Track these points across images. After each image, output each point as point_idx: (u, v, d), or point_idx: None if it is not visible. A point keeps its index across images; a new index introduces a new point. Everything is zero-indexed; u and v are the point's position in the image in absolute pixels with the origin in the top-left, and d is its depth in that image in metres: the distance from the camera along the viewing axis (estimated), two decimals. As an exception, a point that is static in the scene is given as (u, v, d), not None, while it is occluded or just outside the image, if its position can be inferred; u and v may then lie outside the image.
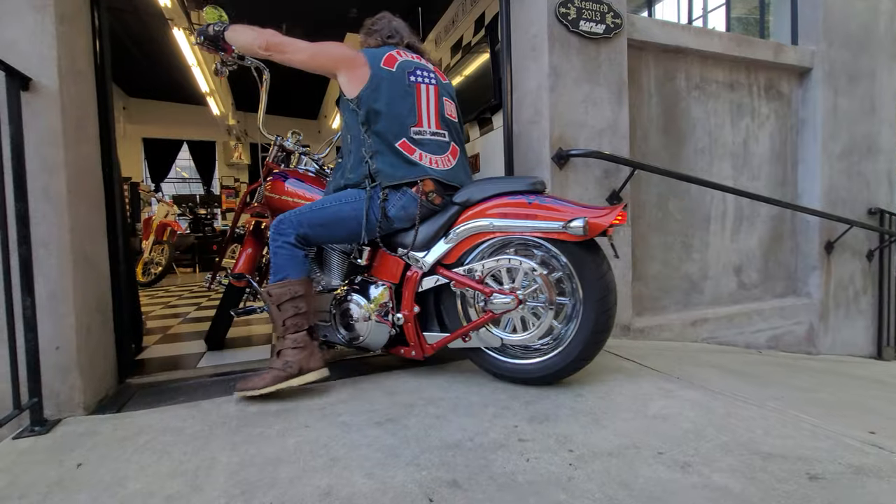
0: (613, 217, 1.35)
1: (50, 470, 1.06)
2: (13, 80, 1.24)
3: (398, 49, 1.65)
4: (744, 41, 2.70)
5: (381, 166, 1.54)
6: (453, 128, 1.68)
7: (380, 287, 1.64)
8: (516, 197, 1.48)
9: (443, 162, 1.60)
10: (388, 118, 1.54)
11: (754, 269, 2.87)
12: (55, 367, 1.34)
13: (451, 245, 1.54)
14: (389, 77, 1.55)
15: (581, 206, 1.42)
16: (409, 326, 1.60)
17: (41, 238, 1.31)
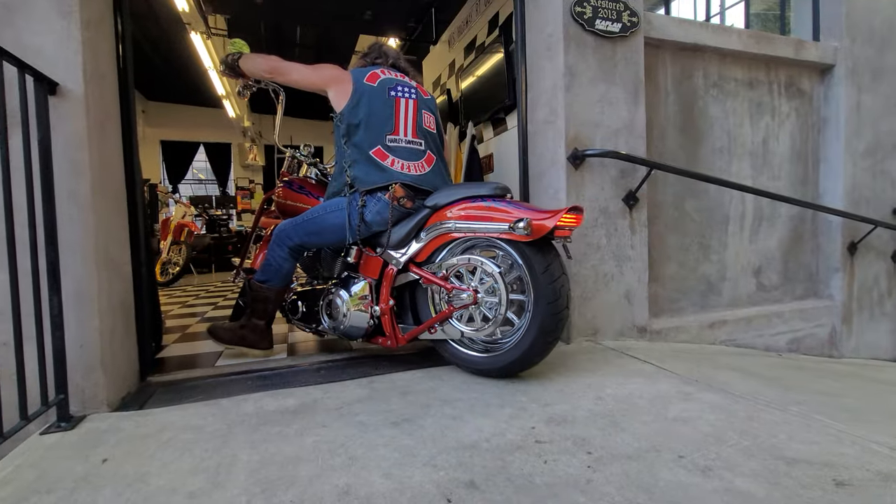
0: (557, 219, 1.41)
1: (76, 465, 1.09)
2: (41, 84, 1.27)
3: (382, 68, 1.85)
4: (763, 38, 2.65)
5: (357, 173, 1.72)
6: (430, 138, 1.84)
7: (360, 283, 1.83)
8: (477, 201, 1.61)
9: (415, 168, 1.76)
10: (366, 129, 1.72)
11: (774, 271, 2.81)
12: (80, 365, 1.38)
13: (422, 245, 1.68)
14: (370, 91, 1.75)
15: (532, 209, 1.49)
16: (386, 319, 1.75)
17: (67, 239, 1.35)
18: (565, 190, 2.06)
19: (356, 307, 1.81)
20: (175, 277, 5.48)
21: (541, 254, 1.49)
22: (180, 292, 4.92)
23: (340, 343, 2.30)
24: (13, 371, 1.14)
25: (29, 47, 1.31)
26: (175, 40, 5.85)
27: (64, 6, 1.34)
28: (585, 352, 1.95)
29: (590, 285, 2.10)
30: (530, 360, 1.54)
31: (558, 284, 1.48)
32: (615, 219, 2.15)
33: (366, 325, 1.79)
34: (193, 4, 4.09)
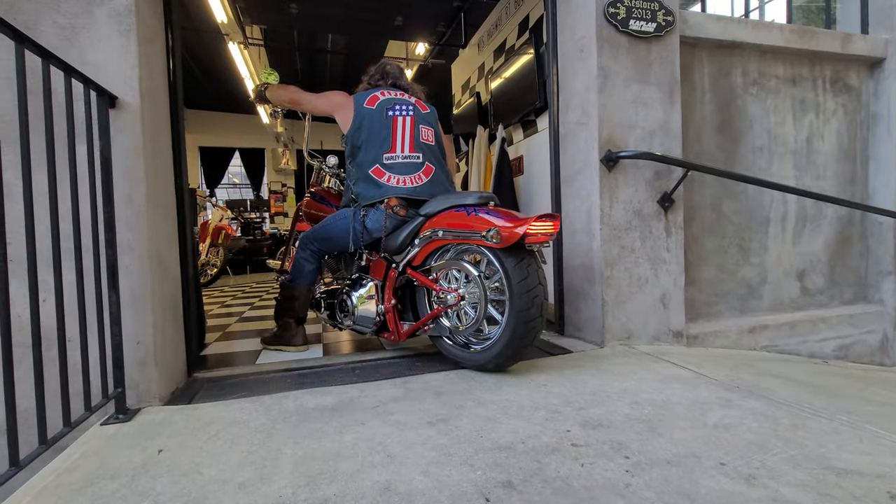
0: (525, 227, 1.51)
1: (135, 454, 1.16)
2: (103, 98, 1.36)
3: (382, 90, 2.02)
4: (807, 32, 2.55)
5: (359, 190, 1.94)
6: (428, 150, 2.00)
7: (368, 283, 2.03)
8: (461, 209, 1.73)
9: (411, 180, 1.93)
10: (366, 149, 1.93)
11: (819, 274, 2.69)
12: (135, 361, 1.46)
13: (417, 249, 1.84)
14: (369, 114, 1.95)
15: (506, 217, 1.59)
16: (389, 316, 1.94)
17: (124, 242, 1.44)
18: (598, 192, 2.04)
19: (363, 305, 2.01)
20: (213, 278, 5.70)
21: (517, 261, 1.60)
22: (218, 293, 5.12)
23: (373, 344, 2.35)
24: (77, 365, 1.23)
25: (91, 63, 1.41)
26: (213, 50, 6.10)
27: (123, 24, 1.43)
28: (619, 356, 1.93)
29: (623, 288, 2.08)
30: (504, 360, 1.67)
31: (532, 294, 1.58)
32: (650, 221, 2.12)
33: (373, 320, 1.97)
34: (232, 16, 4.25)
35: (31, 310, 1.01)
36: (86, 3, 1.41)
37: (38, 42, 1.08)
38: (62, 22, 1.39)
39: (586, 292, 2.16)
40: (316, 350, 2.25)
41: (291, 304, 2.13)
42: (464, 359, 1.79)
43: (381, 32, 4.83)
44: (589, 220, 2.12)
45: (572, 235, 2.25)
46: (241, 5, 3.93)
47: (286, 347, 2.15)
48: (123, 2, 1.43)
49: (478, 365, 1.74)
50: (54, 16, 1.39)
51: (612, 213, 2.06)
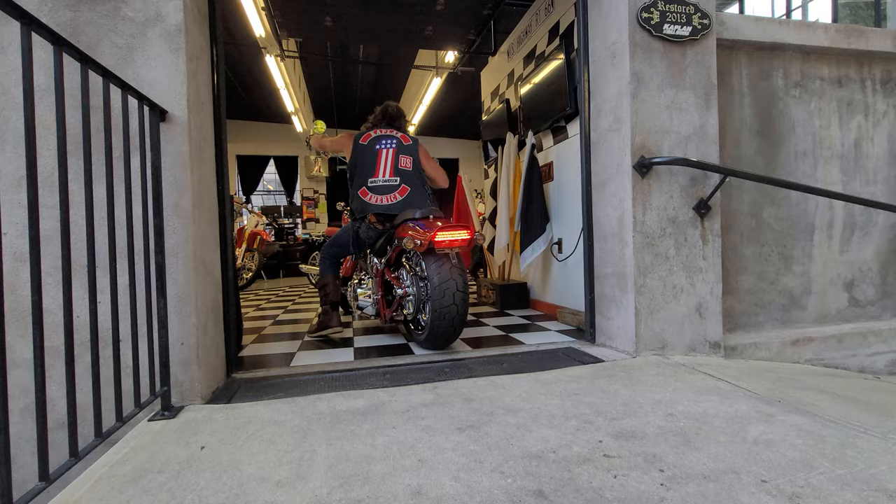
0: (431, 236, 2.03)
1: (180, 450, 1.22)
2: (154, 113, 1.45)
3: (377, 129, 2.65)
4: (854, 32, 2.44)
5: (354, 207, 2.55)
6: (405, 174, 2.54)
7: (367, 279, 2.77)
8: (408, 222, 2.28)
9: (387, 199, 2.48)
10: (359, 175, 2.52)
11: (870, 284, 2.55)
12: (180, 361, 1.54)
13: (390, 253, 2.43)
14: (362, 149, 2.56)
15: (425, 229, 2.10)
16: (380, 305, 2.56)
17: (172, 248, 1.52)
18: (631, 199, 2.01)
19: (363, 297, 2.69)
20: (248, 282, 5.90)
21: (434, 262, 2.13)
22: (253, 296, 5.29)
23: (402, 349, 2.38)
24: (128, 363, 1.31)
25: (145, 80, 1.50)
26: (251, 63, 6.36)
27: (174, 43, 1.52)
28: (653, 366, 1.88)
29: (657, 297, 2.03)
30: (433, 340, 2.20)
31: (444, 286, 2.08)
32: (685, 228, 2.07)
33: (371, 308, 2.61)
34: (270, 30, 4.43)
35: (90, 311, 1.09)
36: (140, 25, 1.51)
37: (98, 62, 1.17)
38: (119, 42, 1.50)
39: (618, 300, 2.12)
40: (347, 353, 2.30)
41: (325, 290, 2.69)
42: (410, 337, 2.51)
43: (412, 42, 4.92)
44: (621, 227, 2.08)
45: (603, 242, 2.22)
46: (279, 20, 4.09)
47: (326, 331, 2.65)
48: (174, 22, 1.53)
49: (416, 342, 2.39)
50: (112, 37, 1.49)
51: (646, 220, 2.02)
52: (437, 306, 2.06)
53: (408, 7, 3.75)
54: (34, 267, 0.88)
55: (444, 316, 2.07)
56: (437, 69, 6.22)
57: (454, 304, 2.05)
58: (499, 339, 2.52)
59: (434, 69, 6.27)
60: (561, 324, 2.90)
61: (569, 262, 3.00)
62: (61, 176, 1.00)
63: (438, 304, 2.06)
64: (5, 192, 1.41)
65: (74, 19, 1.47)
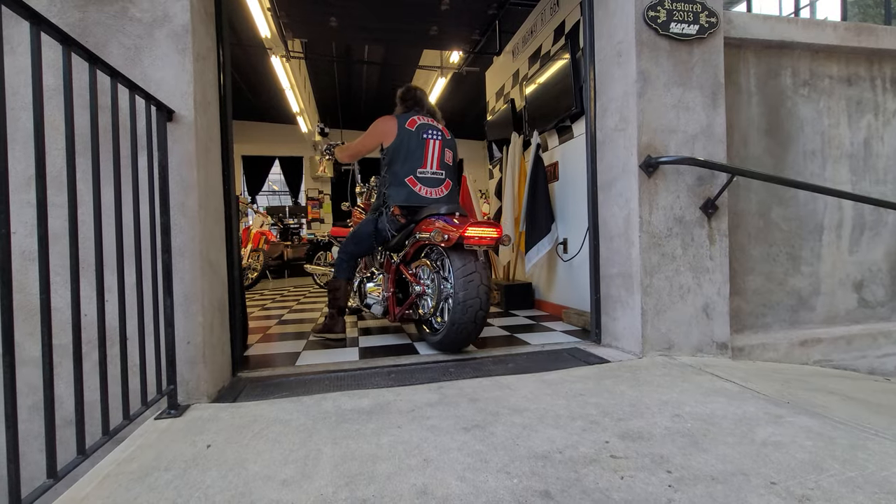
0: (461, 231, 1.95)
1: (186, 449, 1.22)
2: (161, 113, 1.46)
3: (419, 115, 2.48)
4: (864, 30, 2.41)
5: (391, 192, 2.37)
6: (448, 169, 2.47)
7: (378, 276, 2.68)
8: (432, 217, 2.18)
9: (436, 192, 2.40)
10: (403, 161, 2.35)
11: (879, 285, 2.52)
12: (186, 360, 1.55)
13: (408, 249, 2.32)
14: (409, 134, 2.38)
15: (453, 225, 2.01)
16: (390, 302, 2.46)
17: (178, 247, 1.53)
18: (637, 199, 2.00)
19: (372, 293, 2.64)
20: (254, 282, 5.92)
21: (459, 258, 2.02)
22: (258, 296, 5.31)
23: (407, 349, 2.37)
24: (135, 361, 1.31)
25: (152, 80, 1.51)
26: (257, 63, 6.39)
27: (180, 44, 1.53)
28: (659, 367, 1.87)
29: (664, 297, 2.02)
30: (450, 343, 2.07)
31: (469, 279, 1.97)
32: (692, 228, 2.05)
33: (381, 306, 2.53)
34: (276, 31, 4.44)
35: (97, 309, 1.09)
36: (148, 25, 1.51)
37: (107, 62, 1.18)
38: (127, 43, 1.50)
39: (624, 301, 2.11)
40: (352, 353, 2.30)
41: (334, 295, 2.52)
42: (424, 338, 2.32)
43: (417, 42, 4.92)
44: (627, 227, 2.07)
45: (609, 242, 2.21)
46: (284, 20, 4.10)
47: (329, 335, 2.53)
48: (181, 22, 1.53)
49: (430, 343, 2.24)
50: (120, 37, 1.50)
51: (652, 219, 2.01)
52: (461, 299, 1.95)
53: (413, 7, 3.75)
54: (43, 266, 0.89)
55: (467, 310, 1.95)
56: (441, 69, 6.22)
57: (478, 297, 1.95)
58: (504, 340, 2.51)
59: (439, 69, 6.27)
60: (566, 324, 2.89)
61: (574, 262, 2.99)
62: (69, 175, 1.00)
63: (462, 296, 1.95)
64: (15, 192, 1.42)
65: (83, 20, 1.48)
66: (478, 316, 1.97)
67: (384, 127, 2.42)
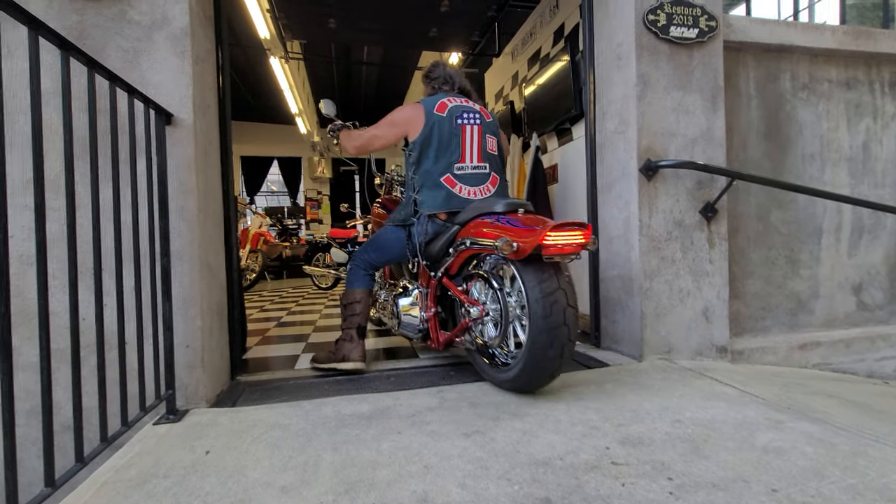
0: (540, 237, 1.36)
1: (184, 455, 1.21)
2: (160, 116, 1.45)
3: (449, 96, 1.95)
4: (863, 34, 2.42)
5: (423, 198, 1.86)
6: (493, 160, 1.96)
7: (413, 291, 2.04)
8: (486, 217, 1.65)
9: (481, 192, 1.89)
10: (436, 157, 1.86)
11: (878, 288, 2.53)
12: (185, 364, 1.54)
13: (452, 259, 1.77)
14: (439, 121, 1.87)
15: (524, 227, 1.45)
16: (430, 324, 1.91)
17: (177, 250, 1.52)
18: (637, 202, 2.00)
19: (408, 312, 2.03)
20: (252, 283, 5.90)
21: (533, 272, 1.45)
22: (257, 297, 5.30)
23: (407, 352, 2.37)
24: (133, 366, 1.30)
25: (151, 83, 1.50)
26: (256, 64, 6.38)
27: (179, 47, 1.52)
28: (659, 370, 1.87)
29: (663, 301, 2.02)
30: (527, 382, 1.52)
31: (548, 303, 1.41)
32: (691, 232, 2.05)
33: (417, 327, 1.97)
34: (274, 32, 4.43)
35: (96, 314, 1.08)
36: (147, 28, 1.51)
37: (104, 65, 1.17)
38: (125, 45, 1.50)
39: (624, 304, 2.11)
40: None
41: (352, 309, 2.00)
42: (485, 373, 1.72)
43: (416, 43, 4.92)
44: (627, 230, 2.07)
45: (609, 245, 2.21)
46: (283, 22, 4.09)
47: (342, 364, 1.93)
48: (180, 25, 1.53)
49: (501, 382, 1.63)
50: (119, 40, 1.49)
51: (652, 223, 2.01)
52: (542, 326, 1.41)
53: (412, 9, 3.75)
54: (41, 272, 0.88)
55: (552, 341, 1.41)
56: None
57: (565, 323, 1.42)
58: (503, 342, 2.50)
59: (438, 71, 6.25)
60: (565, 327, 2.88)
61: (573, 264, 2.98)
62: (68, 179, 1.00)
63: (543, 323, 1.41)
64: (12, 196, 1.41)
65: (81, 22, 1.47)
66: (565, 348, 1.44)
67: (408, 114, 1.91)
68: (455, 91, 2.00)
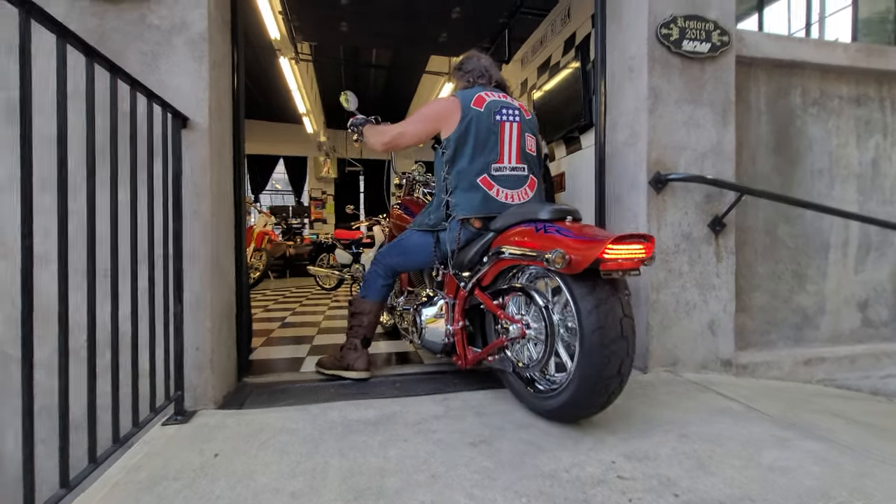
0: (600, 251, 1.20)
1: (193, 457, 1.22)
2: (176, 119, 1.47)
3: (487, 90, 1.81)
4: (874, 51, 2.42)
5: (457, 200, 1.72)
6: (532, 161, 1.83)
7: (438, 302, 1.88)
8: (529, 225, 1.50)
9: (519, 196, 1.75)
10: (472, 156, 1.71)
11: (884, 305, 2.52)
12: (194, 365, 1.55)
13: (486, 268, 1.62)
14: (477, 117, 1.72)
15: (579, 238, 1.29)
16: (457, 339, 1.77)
17: (189, 252, 1.53)
18: (646, 214, 2.00)
19: (432, 324, 1.87)
20: (256, 282, 5.92)
21: (589, 291, 1.29)
22: (261, 296, 5.31)
23: (412, 357, 2.37)
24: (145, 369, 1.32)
25: (168, 87, 1.52)
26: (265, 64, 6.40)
27: (197, 51, 1.54)
28: (664, 383, 1.87)
29: (670, 313, 2.02)
30: (572, 412, 1.37)
31: (606, 331, 1.25)
32: (699, 245, 2.06)
33: (441, 341, 1.83)
34: (286, 33, 4.46)
35: (111, 316, 1.10)
36: (166, 32, 1.52)
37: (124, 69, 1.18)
38: (145, 49, 1.51)
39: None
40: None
41: (360, 320, 1.95)
42: (524, 399, 1.55)
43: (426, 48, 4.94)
44: (635, 241, 2.07)
45: (616, 256, 2.21)
46: (295, 24, 4.12)
47: (347, 373, 1.91)
48: (198, 30, 1.54)
49: (544, 411, 1.45)
50: (138, 44, 1.51)
51: (660, 235, 2.02)
52: (595, 341, 1.26)
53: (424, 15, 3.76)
54: (62, 274, 0.89)
55: (609, 359, 1.26)
56: (449, 75, 6.23)
57: (623, 336, 1.27)
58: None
59: (447, 75, 6.28)
60: (569, 335, 2.88)
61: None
62: (89, 183, 1.01)
63: (597, 337, 1.26)
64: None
65: (101, 26, 1.49)
66: (623, 367, 1.29)
67: (442, 108, 1.76)
68: (492, 85, 1.86)
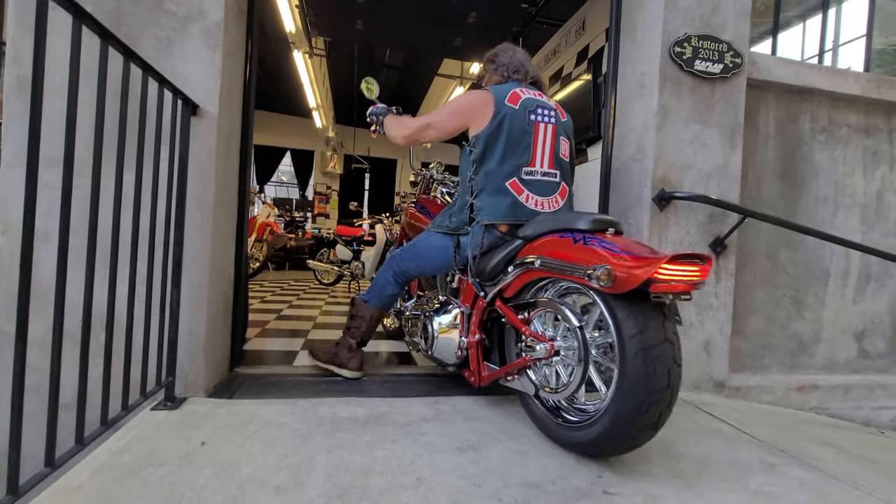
0: (653, 270, 1.06)
1: (180, 444, 1.22)
2: (186, 107, 1.47)
3: (522, 87, 1.68)
4: (885, 82, 2.43)
5: (483, 204, 1.58)
6: (565, 168, 1.70)
7: (453, 311, 1.75)
8: (566, 235, 1.34)
9: (549, 204, 1.62)
10: (503, 157, 1.57)
11: (881, 337, 2.52)
12: (187, 352, 1.55)
13: (510, 279, 1.47)
14: (511, 114, 1.59)
15: (626, 254, 1.14)
16: (472, 352, 1.63)
17: (191, 240, 1.53)
18: (648, 230, 2.01)
19: (444, 334, 1.73)
20: (255, 272, 5.92)
21: (633, 314, 1.14)
22: (258, 287, 5.31)
23: (405, 357, 2.37)
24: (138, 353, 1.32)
25: (180, 74, 1.53)
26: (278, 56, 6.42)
27: (212, 39, 1.55)
28: (655, 401, 1.86)
29: (665, 331, 2.01)
30: (602, 447, 1.22)
31: (652, 358, 1.11)
32: (699, 264, 2.05)
33: (454, 353, 1.69)
34: (301, 27, 4.48)
35: (108, 299, 1.10)
36: (182, 19, 1.53)
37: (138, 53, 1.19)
38: (160, 35, 1.52)
39: (625, 330, 2.11)
40: (349, 357, 2.29)
41: (358, 324, 1.89)
42: (549, 428, 1.39)
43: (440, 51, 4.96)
44: (635, 257, 2.07)
45: (616, 271, 2.21)
46: (312, 19, 4.14)
47: (339, 370, 1.88)
48: (215, 19, 1.55)
49: (567, 443, 1.31)
50: (154, 29, 1.52)
51: (660, 252, 2.02)
52: (638, 389, 1.11)
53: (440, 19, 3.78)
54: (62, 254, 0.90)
55: (647, 408, 1.12)
56: (461, 79, 6.25)
57: (669, 386, 1.12)
58: (501, 357, 2.50)
59: (458, 79, 6.30)
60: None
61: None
62: (95, 163, 1.02)
63: (642, 385, 1.11)
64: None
65: (117, 9, 1.50)
66: (663, 416, 1.15)
67: (474, 102, 1.62)
68: (527, 82, 1.72)
